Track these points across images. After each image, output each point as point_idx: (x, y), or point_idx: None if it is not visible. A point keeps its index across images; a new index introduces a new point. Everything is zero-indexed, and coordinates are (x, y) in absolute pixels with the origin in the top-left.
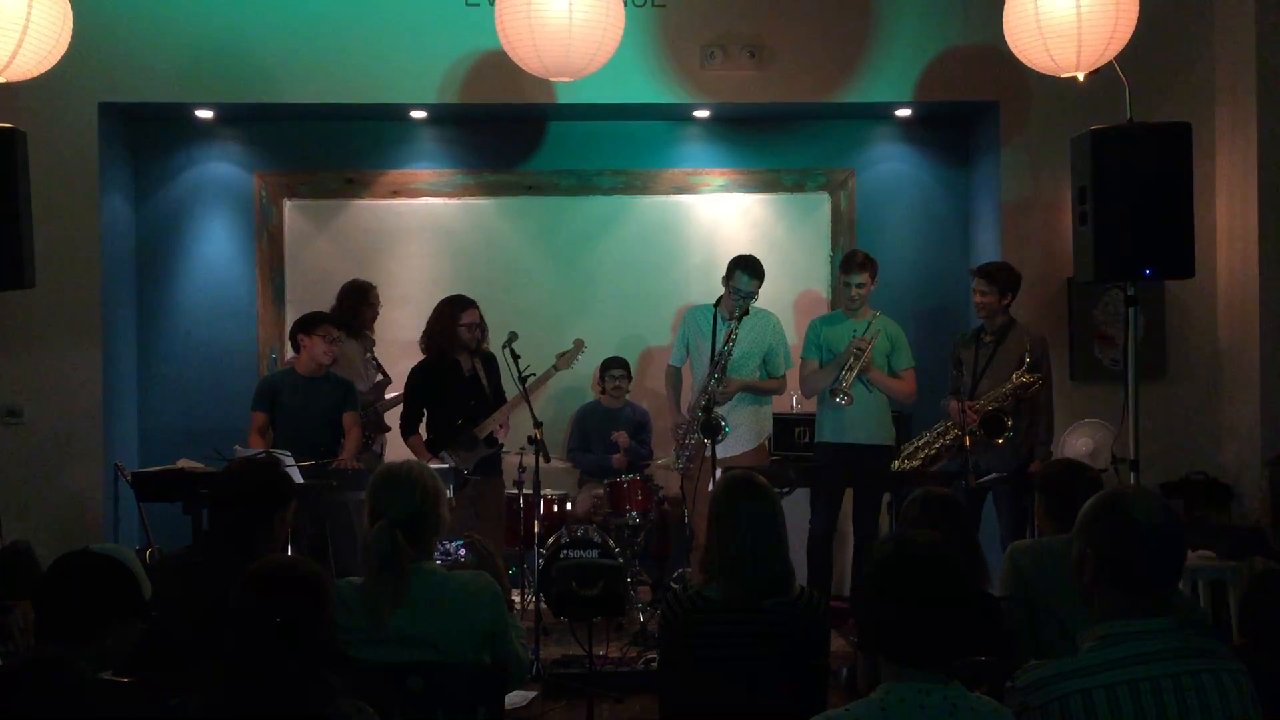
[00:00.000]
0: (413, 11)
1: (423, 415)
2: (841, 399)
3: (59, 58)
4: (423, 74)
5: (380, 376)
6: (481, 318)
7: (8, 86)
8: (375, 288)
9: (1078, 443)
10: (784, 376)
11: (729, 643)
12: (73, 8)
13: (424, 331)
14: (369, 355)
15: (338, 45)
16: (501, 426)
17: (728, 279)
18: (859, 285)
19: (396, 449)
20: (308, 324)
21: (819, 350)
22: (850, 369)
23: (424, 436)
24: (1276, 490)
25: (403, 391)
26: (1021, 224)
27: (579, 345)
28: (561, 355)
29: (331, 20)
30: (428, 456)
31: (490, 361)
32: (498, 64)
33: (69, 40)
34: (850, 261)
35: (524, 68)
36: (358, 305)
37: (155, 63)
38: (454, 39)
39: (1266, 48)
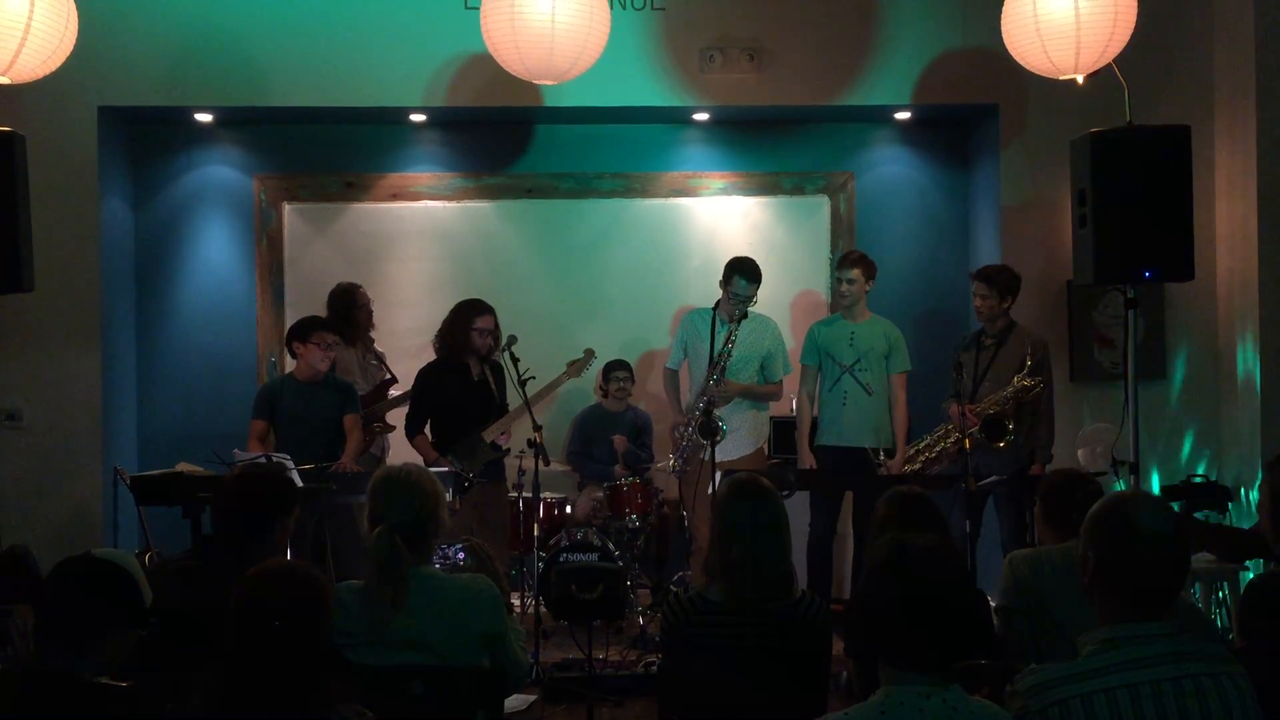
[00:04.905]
0: (411, 15)
1: (429, 417)
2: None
3: (64, 59)
4: (422, 77)
5: (387, 375)
6: (497, 325)
7: (7, 90)
8: (361, 287)
9: (1091, 444)
10: (781, 383)
11: (730, 645)
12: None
13: (438, 331)
14: (369, 356)
15: (337, 48)
16: (504, 433)
17: (725, 283)
18: (849, 281)
19: (400, 451)
20: (302, 331)
21: (817, 354)
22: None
23: (430, 438)
24: (1276, 493)
25: (408, 391)
26: (1021, 227)
27: (589, 355)
28: (572, 363)
29: (331, 23)
30: (434, 457)
31: (497, 369)
32: (496, 67)
33: (74, 41)
34: (843, 259)
35: (507, 70)
36: (348, 309)
37: (154, 66)
38: (453, 42)
39: (1266, 48)
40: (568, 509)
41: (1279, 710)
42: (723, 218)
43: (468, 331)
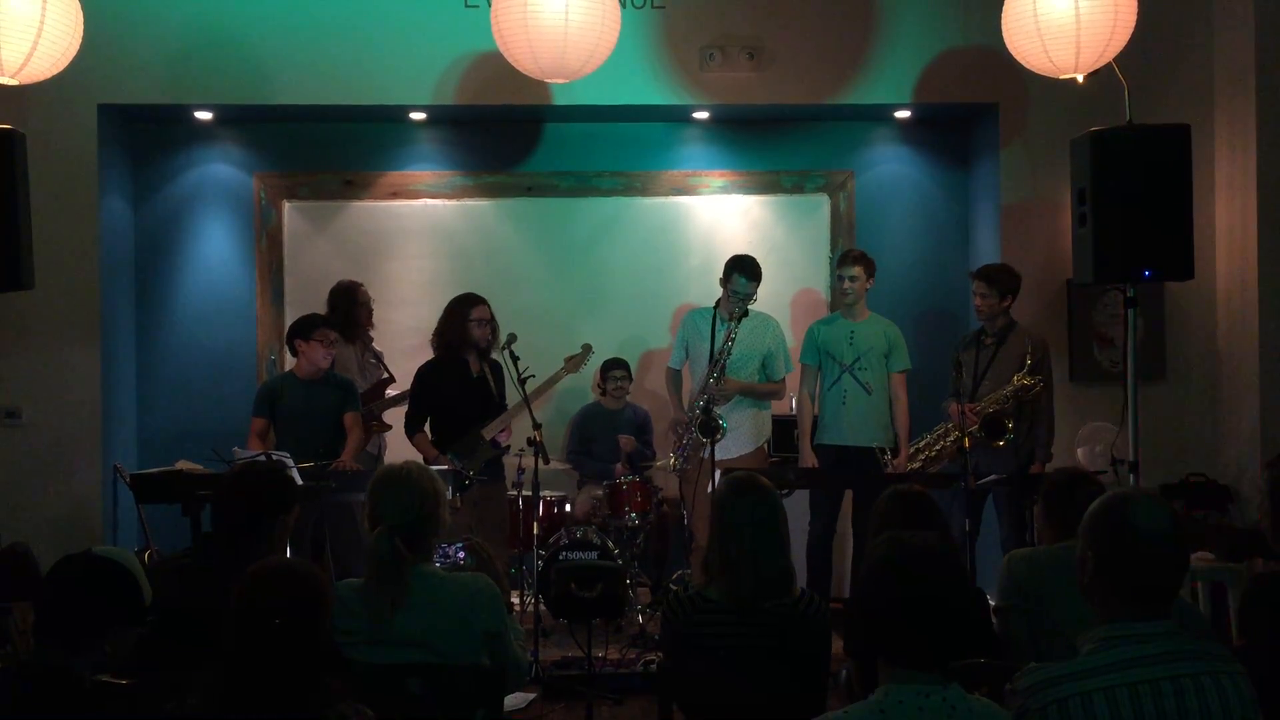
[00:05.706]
0: (412, 13)
1: (428, 415)
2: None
3: (70, 60)
4: (422, 75)
5: (384, 374)
6: (492, 315)
7: (7, 88)
8: (362, 285)
9: (1091, 444)
10: (783, 381)
11: (730, 644)
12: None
13: (435, 330)
14: (367, 354)
15: (337, 47)
16: (504, 430)
17: (725, 280)
18: (851, 278)
19: (396, 450)
20: (305, 329)
21: (817, 353)
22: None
23: (430, 436)
24: (1276, 492)
25: (407, 390)
26: (1021, 226)
27: (587, 350)
28: (570, 359)
29: (331, 21)
30: (434, 455)
31: (496, 368)
32: (497, 65)
33: (80, 43)
34: (845, 257)
35: (519, 69)
36: (349, 307)
37: (154, 64)
38: (453, 40)
39: (1266, 48)
40: (567, 507)
41: (1279, 710)
42: (722, 216)
43: (465, 324)
